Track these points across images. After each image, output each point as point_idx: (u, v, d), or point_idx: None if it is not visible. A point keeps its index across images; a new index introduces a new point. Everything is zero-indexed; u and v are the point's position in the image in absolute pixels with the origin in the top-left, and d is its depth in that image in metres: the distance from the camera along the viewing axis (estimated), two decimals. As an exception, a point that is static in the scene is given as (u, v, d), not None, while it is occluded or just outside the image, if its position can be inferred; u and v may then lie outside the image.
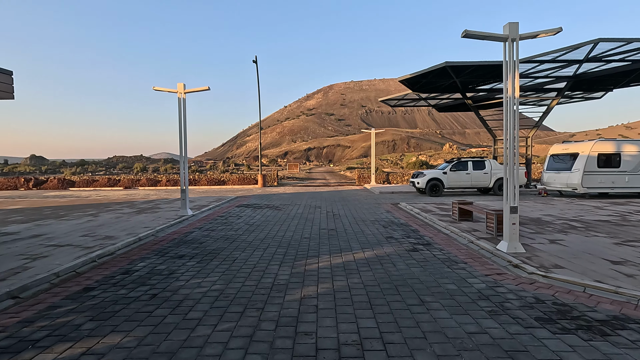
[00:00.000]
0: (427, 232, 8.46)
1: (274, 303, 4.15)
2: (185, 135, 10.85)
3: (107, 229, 8.70)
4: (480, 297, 4.29)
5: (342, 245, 7.05)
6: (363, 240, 7.55)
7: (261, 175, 25.02)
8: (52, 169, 58.74)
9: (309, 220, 10.28)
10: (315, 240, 7.53)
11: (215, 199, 16.13)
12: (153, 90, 10.73)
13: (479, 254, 6.40)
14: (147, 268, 5.65)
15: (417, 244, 7.14)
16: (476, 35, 6.27)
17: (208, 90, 10.92)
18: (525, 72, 17.82)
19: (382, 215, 11.18)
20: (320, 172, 57.31)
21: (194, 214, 11.33)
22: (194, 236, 8.14)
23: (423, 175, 17.07)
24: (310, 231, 8.60)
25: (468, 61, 16.06)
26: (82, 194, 20.26)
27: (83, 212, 12.00)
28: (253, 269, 5.55)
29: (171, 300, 4.25)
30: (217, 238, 7.89)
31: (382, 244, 7.14)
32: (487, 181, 16.90)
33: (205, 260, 6.07)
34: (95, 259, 6.24)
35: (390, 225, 9.29)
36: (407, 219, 10.44)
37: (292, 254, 6.45)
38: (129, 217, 10.64)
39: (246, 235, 8.14)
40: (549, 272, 5.08)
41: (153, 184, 26.45)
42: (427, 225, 9.35)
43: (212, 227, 9.23)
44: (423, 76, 17.73)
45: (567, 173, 15.41)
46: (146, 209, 12.67)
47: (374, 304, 4.08)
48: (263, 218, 10.71)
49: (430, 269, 5.47)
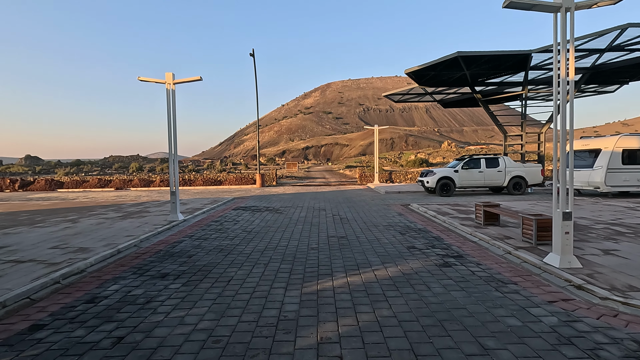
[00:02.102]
0: (452, 239, 7.36)
1: (281, 353, 3.03)
2: (174, 131, 9.69)
3: (84, 239, 7.55)
4: (559, 340, 3.18)
5: (357, 259, 5.93)
6: (381, 251, 6.44)
7: (259, 175, 23.87)
8: (46, 169, 57.28)
9: (315, 225, 9.16)
10: (325, 252, 6.40)
11: (210, 200, 14.97)
12: (138, 80, 9.56)
13: (525, 270, 5.30)
14: (120, 293, 4.51)
15: (446, 256, 6.04)
16: (521, 5, 5.16)
17: (200, 80, 9.76)
18: (539, 64, 16.74)
19: (395, 218, 10.07)
20: (319, 170, 56.20)
21: (186, 219, 10.18)
22: (183, 247, 7.00)
23: (433, 173, 15.97)
24: (318, 239, 7.47)
25: (482, 51, 14.96)
26: (69, 196, 19.05)
27: (63, 217, 10.83)
28: (252, 294, 4.42)
29: (141, 349, 3.12)
30: (210, 249, 6.75)
31: (405, 257, 6.03)
32: (501, 180, 15.82)
33: (193, 281, 4.94)
34: (59, 279, 5.10)
35: (407, 232, 8.18)
36: (424, 223, 9.34)
37: (300, 270, 5.33)
38: (112, 223, 9.49)
39: (244, 246, 7.01)
40: (629, 298, 3.99)
41: (146, 185, 25.24)
42: (449, 231, 8.25)
43: (205, 235, 8.09)
44: (432, 68, 16.61)
45: (588, 171, 14.35)
46: (133, 213, 11.50)
47: (419, 354, 2.97)
48: (263, 223, 9.57)
49: (475, 292, 4.36)
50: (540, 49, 14.57)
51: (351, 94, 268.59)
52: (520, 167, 15.91)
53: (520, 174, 15.75)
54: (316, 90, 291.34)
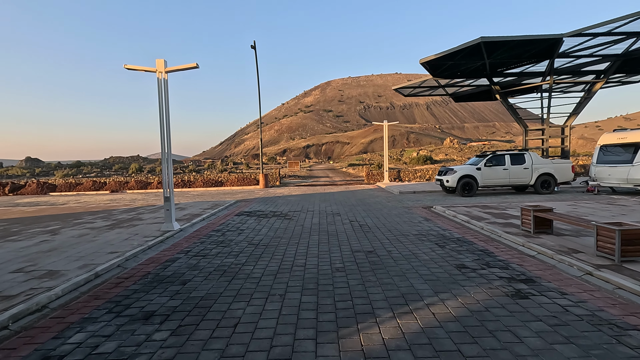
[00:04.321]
0: (504, 253, 6.03)
1: None
2: (167, 126, 8.37)
3: (58, 257, 6.24)
4: None
5: (399, 285, 4.61)
6: (425, 273, 5.11)
7: (263, 175, 22.53)
8: (45, 171, 56.05)
9: (332, 235, 7.83)
10: (355, 275, 5.07)
11: (211, 204, 13.66)
12: (124, 68, 8.22)
13: (629, 302, 3.98)
14: (81, 351, 3.20)
15: (512, 280, 4.71)
16: None
17: (196, 68, 8.43)
18: (567, 51, 15.39)
19: (423, 225, 8.75)
20: (322, 169, 54.88)
21: (182, 228, 8.87)
22: (176, 268, 5.69)
23: (453, 172, 14.62)
24: (341, 255, 6.15)
25: (507, 36, 13.60)
26: (59, 200, 17.74)
27: (44, 226, 9.53)
28: (270, 351, 3.10)
29: None
30: (210, 271, 5.44)
31: (460, 281, 4.71)
32: (527, 177, 14.47)
33: (186, 326, 3.62)
34: (8, 322, 3.80)
35: (445, 243, 6.85)
36: (460, 230, 8.02)
37: (329, 306, 4.01)
38: (97, 235, 8.18)
39: (252, 265, 5.69)
40: None
41: (143, 187, 23.92)
42: (495, 242, 6.92)
43: (204, 251, 6.77)
44: (450, 56, 15.26)
45: (627, 167, 13.01)
46: (124, 220, 10.19)
47: None
48: (271, 232, 8.25)
49: (590, 346, 3.04)
50: (573, 32, 13.21)
51: (351, 91, 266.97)
52: (548, 164, 14.56)
53: (549, 171, 14.40)
54: (316, 88, 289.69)
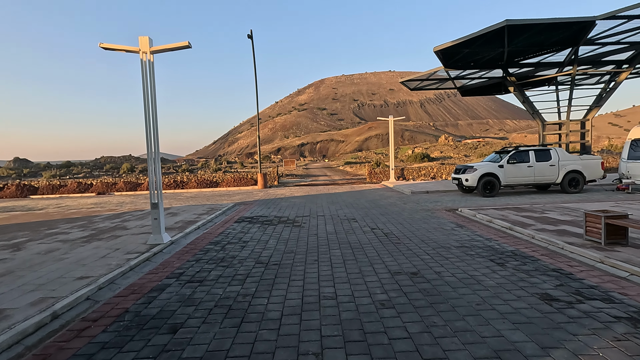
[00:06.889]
0: (589, 275, 4.70)
1: None
2: (155, 118, 6.91)
3: (9, 286, 4.78)
4: None
5: (484, 335, 3.24)
6: (506, 310, 3.74)
7: (261, 175, 21.06)
8: (34, 172, 53.80)
9: (356, 248, 6.45)
10: (411, 314, 3.69)
11: (206, 208, 12.19)
12: (100, 47, 6.73)
13: None
14: None
15: (636, 322, 3.38)
16: None
17: (189, 47, 6.97)
18: (594, 37, 14.17)
19: (459, 233, 7.41)
20: (318, 167, 53.52)
21: (174, 240, 7.42)
22: (164, 303, 4.26)
23: (473, 169, 13.34)
24: (379, 280, 4.77)
25: (534, 19, 12.32)
26: (38, 205, 16.12)
27: (8, 239, 8.02)
28: None
29: None
30: (210, 308, 4.02)
31: (565, 327, 3.35)
32: (554, 175, 13.23)
33: None
34: None
35: (502, 259, 5.50)
36: (505, 239, 6.69)
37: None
38: (68, 250, 6.71)
39: (265, 298, 4.29)
40: None
41: (132, 188, 22.32)
42: (560, 256, 5.60)
43: (201, 274, 5.35)
44: (468, 43, 13.95)
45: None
46: (105, 230, 8.70)
47: None
48: (281, 245, 6.85)
49: None
50: (606, 14, 11.96)
51: (345, 89, 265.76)
52: (576, 160, 13.34)
53: (577, 168, 13.19)
54: (310, 86, 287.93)
